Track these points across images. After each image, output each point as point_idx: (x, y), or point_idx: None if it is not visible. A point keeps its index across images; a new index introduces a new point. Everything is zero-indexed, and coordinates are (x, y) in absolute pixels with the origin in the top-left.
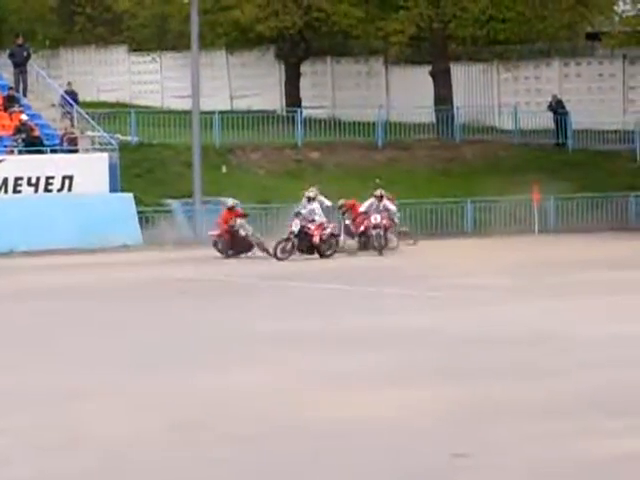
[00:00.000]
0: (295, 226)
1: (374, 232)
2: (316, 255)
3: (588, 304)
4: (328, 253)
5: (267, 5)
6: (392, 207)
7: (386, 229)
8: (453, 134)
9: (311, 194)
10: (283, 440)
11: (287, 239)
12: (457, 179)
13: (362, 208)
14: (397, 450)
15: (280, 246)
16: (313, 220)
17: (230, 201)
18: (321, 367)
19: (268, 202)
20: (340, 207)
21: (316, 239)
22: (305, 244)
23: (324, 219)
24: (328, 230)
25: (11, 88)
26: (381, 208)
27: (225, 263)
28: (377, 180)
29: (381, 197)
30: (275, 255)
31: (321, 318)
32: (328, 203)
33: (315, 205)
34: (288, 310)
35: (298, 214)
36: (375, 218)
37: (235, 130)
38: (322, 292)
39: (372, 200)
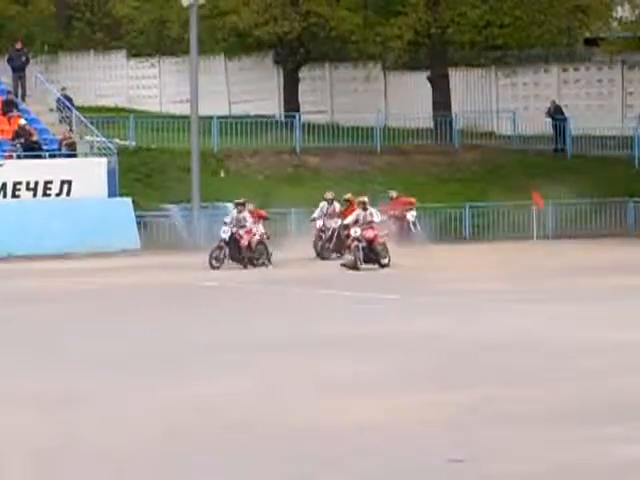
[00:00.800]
0: (224, 233)
1: (352, 245)
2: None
3: (588, 310)
4: (259, 262)
5: (265, 10)
6: (376, 218)
7: (371, 241)
8: (452, 139)
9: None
10: (280, 446)
11: (220, 247)
12: (455, 185)
13: (346, 221)
14: (393, 456)
15: (214, 254)
16: (244, 226)
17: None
18: (319, 373)
19: (266, 207)
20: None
21: (244, 242)
22: (236, 251)
23: (253, 226)
24: (256, 237)
25: (10, 93)
26: (368, 218)
27: (223, 267)
28: (375, 186)
29: (364, 205)
30: (210, 264)
31: (318, 323)
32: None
33: (246, 214)
34: (284, 315)
35: (227, 222)
36: (355, 231)
37: (233, 135)
38: (319, 297)
39: (358, 211)
